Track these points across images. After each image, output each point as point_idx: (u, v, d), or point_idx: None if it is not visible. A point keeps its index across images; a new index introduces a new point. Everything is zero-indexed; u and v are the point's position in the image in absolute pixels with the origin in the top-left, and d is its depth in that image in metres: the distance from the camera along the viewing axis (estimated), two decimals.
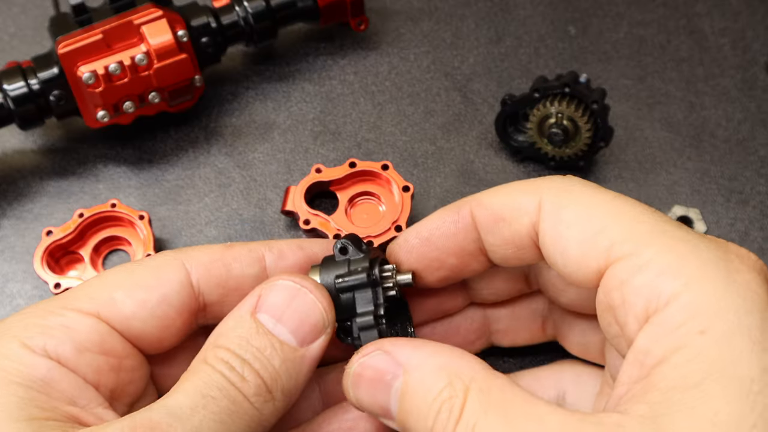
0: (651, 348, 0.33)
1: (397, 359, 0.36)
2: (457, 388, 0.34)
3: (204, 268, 0.40)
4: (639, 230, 0.35)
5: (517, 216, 0.38)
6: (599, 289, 0.36)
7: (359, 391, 0.37)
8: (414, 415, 0.35)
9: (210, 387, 0.35)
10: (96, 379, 0.37)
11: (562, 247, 0.37)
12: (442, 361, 0.35)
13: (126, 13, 0.51)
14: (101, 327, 0.37)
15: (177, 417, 0.33)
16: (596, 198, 0.37)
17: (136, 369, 0.39)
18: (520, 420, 0.33)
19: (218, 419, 0.34)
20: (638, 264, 0.34)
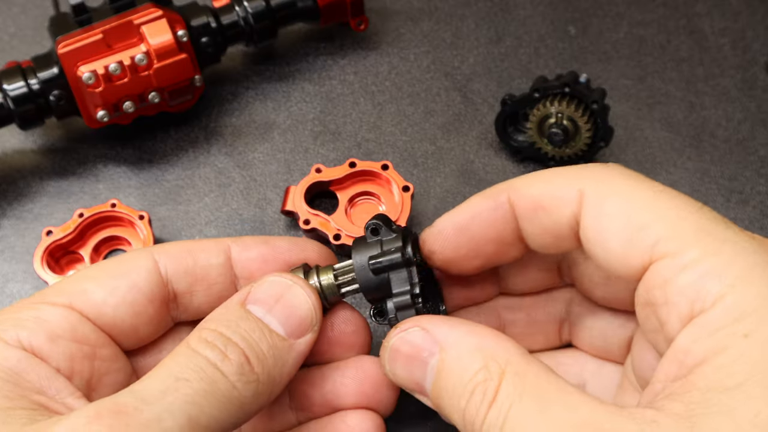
0: (692, 348, 0.33)
1: (434, 337, 0.36)
2: (493, 370, 0.34)
3: (171, 258, 0.40)
4: (684, 228, 0.35)
5: (558, 205, 0.38)
6: (640, 285, 0.36)
7: (396, 366, 0.37)
8: (448, 394, 0.35)
9: (184, 369, 0.34)
10: (69, 366, 0.37)
11: (604, 240, 0.36)
12: (479, 342, 0.35)
13: (126, 13, 0.51)
14: (73, 316, 0.37)
15: (144, 400, 0.33)
16: (640, 190, 0.36)
17: (113, 360, 0.38)
18: (555, 407, 0.33)
19: (190, 401, 0.33)
20: (683, 263, 0.34)
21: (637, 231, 0.35)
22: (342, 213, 0.51)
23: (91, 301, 0.38)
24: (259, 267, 0.41)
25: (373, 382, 0.41)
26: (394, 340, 0.37)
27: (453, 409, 0.35)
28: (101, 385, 0.38)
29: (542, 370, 0.34)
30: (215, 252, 0.41)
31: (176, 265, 0.40)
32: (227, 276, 0.41)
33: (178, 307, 0.41)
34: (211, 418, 0.34)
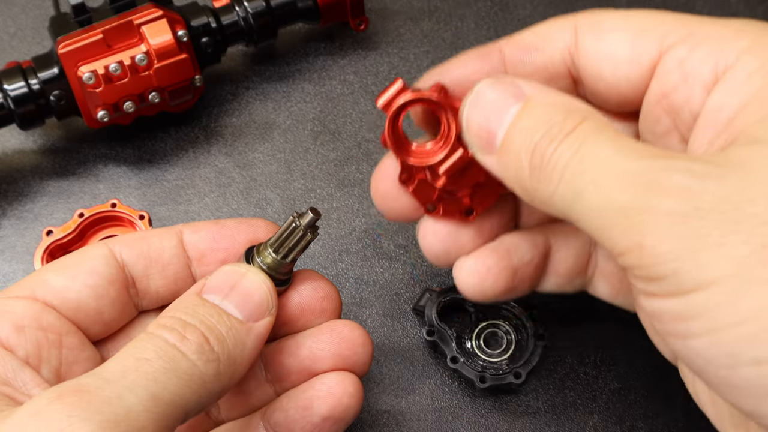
0: (725, 101, 0.33)
1: (522, 90, 0.35)
2: (574, 116, 0.34)
3: (125, 244, 0.41)
4: (690, 19, 0.35)
5: (551, 41, 0.38)
6: (653, 81, 0.36)
7: (474, 111, 0.36)
8: (520, 136, 0.34)
9: (145, 350, 0.35)
10: (37, 355, 0.37)
11: (609, 53, 0.36)
12: (565, 100, 0.35)
13: (126, 13, 0.51)
14: (36, 305, 0.38)
15: (106, 379, 0.33)
16: (636, 10, 0.37)
17: (81, 348, 0.39)
18: (631, 143, 0.32)
19: (151, 378, 0.33)
20: (698, 40, 0.34)
21: (641, 32, 0.36)
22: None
23: (53, 289, 0.38)
24: (209, 245, 0.42)
25: (349, 344, 0.41)
26: (482, 84, 0.36)
27: (521, 149, 0.34)
28: (71, 374, 0.38)
29: (621, 132, 0.34)
30: (167, 236, 0.41)
31: (130, 249, 0.41)
32: (180, 257, 0.41)
33: (138, 292, 0.41)
34: (174, 395, 0.34)
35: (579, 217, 0.33)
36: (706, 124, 0.34)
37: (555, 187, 0.33)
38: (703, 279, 0.30)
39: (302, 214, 0.40)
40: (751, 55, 0.33)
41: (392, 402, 0.49)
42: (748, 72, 0.33)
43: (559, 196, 0.33)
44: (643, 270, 0.31)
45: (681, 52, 0.35)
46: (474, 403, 0.49)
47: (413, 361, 0.50)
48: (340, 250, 0.53)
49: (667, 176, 0.31)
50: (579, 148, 0.33)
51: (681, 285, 0.30)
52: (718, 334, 0.30)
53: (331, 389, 0.41)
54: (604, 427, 0.48)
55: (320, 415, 0.41)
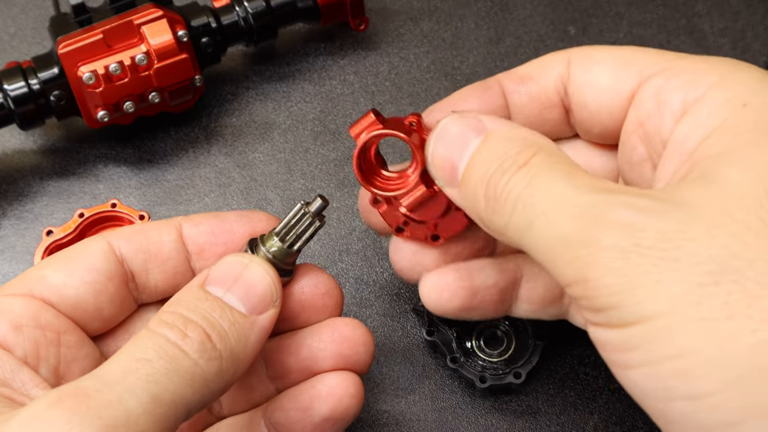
0: (690, 133, 0.34)
1: (484, 124, 0.37)
2: (529, 148, 0.35)
3: (124, 238, 0.40)
4: (670, 55, 0.37)
5: (545, 73, 0.40)
6: (630, 110, 0.38)
7: (439, 145, 0.38)
8: (477, 168, 0.36)
9: (145, 350, 0.34)
10: (35, 354, 0.37)
11: (593, 82, 0.39)
12: (523, 132, 0.36)
13: (126, 13, 0.51)
14: (34, 303, 0.38)
15: (106, 382, 0.33)
16: (624, 47, 0.39)
17: (80, 346, 0.38)
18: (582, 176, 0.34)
19: (152, 380, 0.33)
20: (675, 72, 0.36)
21: (625, 65, 0.38)
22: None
23: (51, 286, 0.38)
24: (208, 239, 0.41)
25: (350, 343, 0.41)
26: (447, 120, 0.38)
27: (478, 180, 0.36)
28: (69, 373, 0.38)
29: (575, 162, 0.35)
30: (166, 229, 0.41)
31: (129, 244, 0.40)
32: (180, 252, 0.41)
33: (137, 287, 0.41)
34: (175, 395, 0.33)
35: (531, 248, 0.34)
36: (672, 153, 0.35)
37: (508, 218, 0.34)
38: (642, 313, 0.31)
39: (311, 201, 0.40)
40: (718, 90, 0.34)
41: (392, 402, 0.49)
42: (713, 106, 0.34)
43: (513, 227, 0.34)
44: (588, 301, 0.32)
45: (658, 82, 0.37)
46: (474, 403, 0.49)
47: (413, 361, 0.50)
48: (340, 250, 0.53)
49: (611, 210, 0.32)
50: (531, 181, 0.34)
51: (621, 318, 0.31)
52: (654, 367, 0.31)
53: (331, 390, 0.41)
54: (604, 427, 0.48)
55: (320, 416, 0.41)
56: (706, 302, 0.30)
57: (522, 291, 0.43)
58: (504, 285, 0.43)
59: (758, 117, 0.33)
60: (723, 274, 0.30)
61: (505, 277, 0.43)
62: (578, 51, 0.40)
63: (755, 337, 0.29)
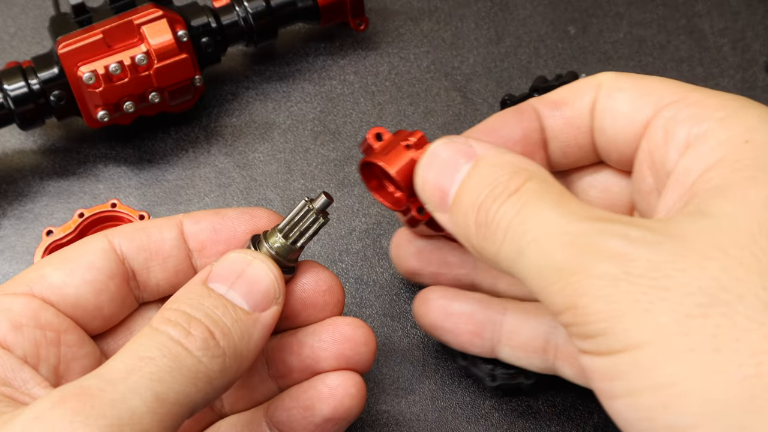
0: (692, 166, 0.34)
1: (474, 150, 0.37)
2: (520, 174, 0.35)
3: (125, 236, 0.40)
4: (687, 88, 0.37)
5: (579, 97, 0.40)
6: (643, 139, 0.38)
7: (429, 170, 0.38)
8: (468, 194, 0.36)
9: (148, 348, 0.34)
10: (35, 354, 0.36)
11: (612, 108, 0.39)
12: (514, 158, 0.36)
13: (126, 13, 0.51)
14: (34, 302, 0.37)
15: (109, 381, 0.32)
16: (650, 77, 0.39)
17: (80, 345, 0.38)
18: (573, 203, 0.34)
19: (156, 378, 0.33)
20: (687, 104, 0.36)
21: (644, 94, 0.38)
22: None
23: (51, 285, 0.38)
24: (209, 236, 0.41)
25: (351, 343, 0.41)
26: (436, 144, 0.38)
27: (469, 206, 0.36)
28: (70, 372, 0.38)
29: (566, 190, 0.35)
30: (167, 227, 0.41)
31: (130, 242, 0.40)
32: (181, 249, 0.41)
33: (138, 285, 0.41)
34: (179, 394, 0.33)
35: (522, 276, 0.34)
36: (674, 185, 0.35)
37: (499, 245, 0.35)
38: (628, 342, 0.31)
39: (315, 198, 0.40)
40: (722, 126, 0.34)
41: (392, 402, 0.49)
42: (716, 141, 0.34)
43: (504, 254, 0.35)
44: (577, 328, 0.32)
45: (668, 113, 0.37)
46: (474, 403, 0.49)
47: (413, 361, 0.50)
48: (340, 250, 0.53)
49: (603, 239, 0.32)
50: (521, 209, 0.34)
51: (609, 345, 0.31)
52: (637, 397, 0.31)
53: (332, 390, 0.41)
54: (604, 427, 0.48)
55: (322, 416, 0.41)
56: (693, 334, 0.30)
57: (504, 333, 0.44)
58: (481, 318, 0.44)
59: (758, 153, 0.33)
60: (712, 306, 0.30)
61: (484, 311, 0.44)
62: (607, 76, 0.40)
63: (741, 371, 0.29)
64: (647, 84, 0.39)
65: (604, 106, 0.40)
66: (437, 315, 0.44)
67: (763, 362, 0.29)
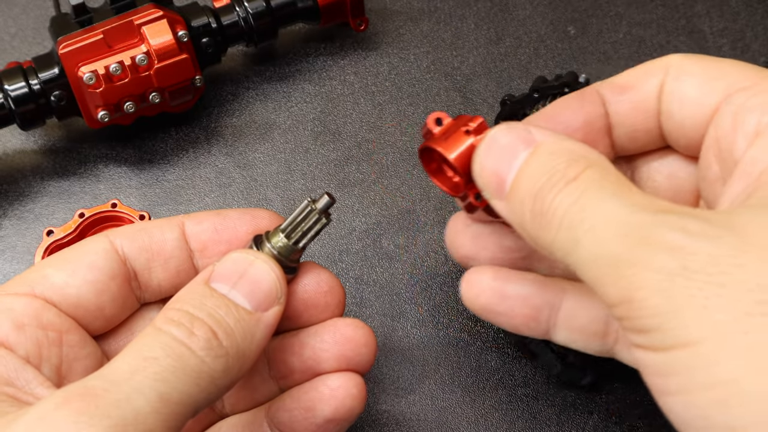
0: (760, 156, 0.33)
1: (534, 136, 0.36)
2: (579, 162, 0.34)
3: (126, 237, 0.40)
4: (759, 73, 0.36)
5: (646, 79, 0.39)
6: (710, 126, 0.37)
7: (487, 156, 0.37)
8: (525, 180, 0.35)
9: (152, 348, 0.34)
10: (37, 354, 0.36)
11: (681, 93, 0.38)
12: (574, 147, 0.36)
13: (126, 14, 0.51)
14: (36, 302, 0.37)
15: (113, 381, 0.32)
16: (720, 59, 0.38)
17: (82, 345, 0.38)
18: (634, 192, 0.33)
19: (160, 378, 0.33)
20: (759, 90, 0.35)
21: (713, 79, 0.37)
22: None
23: (53, 285, 0.38)
24: (211, 237, 0.41)
25: (352, 344, 0.41)
26: (496, 130, 0.37)
27: (525, 194, 0.35)
28: (72, 372, 0.38)
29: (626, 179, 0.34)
30: (169, 227, 0.41)
31: (131, 242, 0.40)
32: (183, 249, 0.41)
33: (140, 286, 0.41)
34: (183, 394, 0.33)
35: (577, 266, 0.34)
36: (740, 176, 0.34)
37: (555, 234, 0.34)
38: (684, 338, 0.30)
39: (318, 198, 0.40)
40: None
41: (392, 402, 0.49)
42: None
43: (559, 243, 0.34)
44: (631, 322, 0.32)
45: (738, 99, 0.36)
46: (474, 403, 0.49)
47: (413, 361, 0.50)
48: (340, 250, 0.53)
49: (661, 232, 0.31)
50: (579, 197, 0.33)
51: (664, 341, 0.31)
52: (692, 395, 0.30)
53: (334, 392, 0.41)
54: (604, 427, 0.48)
55: (323, 417, 0.41)
56: (752, 332, 0.29)
57: (562, 316, 0.42)
58: (538, 302, 0.42)
59: None
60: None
61: (541, 293, 0.42)
62: (676, 58, 0.39)
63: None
64: (717, 67, 0.38)
65: (672, 90, 0.38)
66: (491, 298, 0.42)
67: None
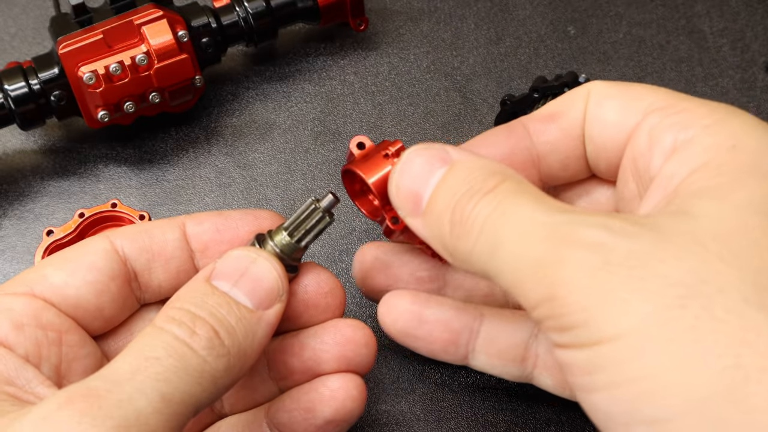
0: (676, 170, 0.34)
1: (450, 155, 0.37)
2: (495, 176, 0.35)
3: (127, 237, 0.40)
4: (675, 95, 0.37)
5: (572, 106, 0.40)
6: (628, 145, 0.38)
7: (403, 175, 0.38)
8: (442, 196, 0.36)
9: (154, 348, 0.34)
10: (37, 354, 0.36)
11: (601, 116, 0.39)
12: (489, 164, 0.36)
13: (126, 14, 0.51)
14: (36, 302, 0.37)
15: (115, 382, 0.32)
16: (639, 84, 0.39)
17: (81, 345, 0.38)
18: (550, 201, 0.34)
19: (162, 378, 0.33)
20: (674, 110, 0.36)
21: (633, 101, 0.38)
22: None
23: (52, 285, 0.38)
24: (212, 237, 0.41)
25: (353, 345, 0.41)
26: (411, 151, 0.38)
27: (443, 206, 0.35)
28: (71, 372, 0.38)
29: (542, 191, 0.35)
30: (170, 228, 0.41)
31: (132, 243, 0.40)
32: (183, 250, 0.41)
33: (140, 286, 0.41)
34: (185, 393, 0.33)
35: (497, 272, 0.34)
36: (657, 188, 0.35)
37: (474, 241, 0.34)
38: (608, 332, 0.30)
39: (321, 198, 0.40)
40: (709, 132, 0.34)
41: (392, 402, 0.49)
42: (702, 147, 0.34)
43: (478, 250, 0.34)
44: (555, 320, 0.32)
45: (654, 120, 0.37)
46: (474, 403, 0.49)
47: (413, 361, 0.50)
48: (340, 250, 0.53)
49: (581, 230, 0.32)
50: (498, 204, 0.34)
51: (589, 336, 0.31)
52: (617, 390, 0.30)
53: (334, 393, 0.41)
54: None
55: (323, 418, 0.41)
56: (672, 324, 0.29)
57: (480, 341, 0.43)
58: (457, 326, 0.43)
59: (744, 158, 0.33)
60: (691, 298, 0.29)
61: (460, 318, 0.43)
62: (596, 85, 0.40)
63: (720, 363, 0.28)
64: (635, 91, 0.38)
65: (594, 115, 0.39)
66: (409, 322, 0.43)
67: (742, 354, 0.28)
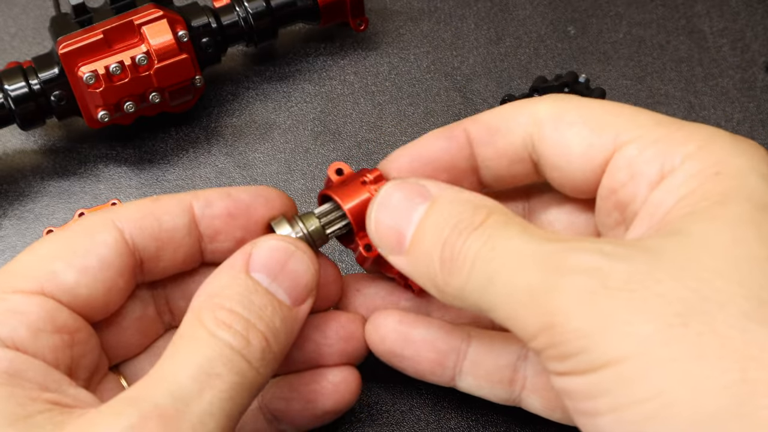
0: (664, 198, 0.34)
1: (428, 189, 0.36)
2: (481, 211, 0.34)
3: (135, 224, 0.38)
4: (645, 120, 0.36)
5: (513, 126, 0.39)
6: (604, 177, 0.37)
7: (382, 212, 0.37)
8: (429, 233, 0.35)
9: (214, 363, 0.33)
10: (54, 358, 0.35)
11: (565, 146, 0.37)
12: (471, 197, 0.36)
13: (126, 14, 0.51)
14: (49, 304, 0.36)
15: (182, 400, 0.32)
16: (597, 103, 0.38)
17: (87, 341, 0.38)
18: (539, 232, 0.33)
19: (226, 397, 0.33)
20: (650, 140, 0.35)
21: (599, 129, 0.37)
22: None
23: (63, 285, 0.36)
24: (226, 222, 0.40)
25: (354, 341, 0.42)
26: (389, 186, 0.37)
27: (431, 245, 0.35)
28: (79, 369, 0.37)
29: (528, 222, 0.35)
30: (179, 212, 0.39)
31: (141, 231, 0.38)
32: (193, 236, 0.40)
33: (143, 271, 0.40)
34: (242, 407, 0.34)
35: (491, 306, 0.33)
36: (645, 216, 0.35)
37: (467, 277, 0.34)
38: (611, 356, 0.30)
39: None
40: (694, 160, 0.34)
41: (392, 402, 0.49)
42: (688, 175, 0.34)
43: (471, 286, 0.34)
44: (555, 349, 0.31)
45: (631, 152, 0.36)
46: (474, 403, 0.49)
47: None
48: (341, 249, 0.53)
49: (575, 256, 0.31)
50: (488, 239, 0.33)
51: (590, 362, 0.30)
52: (623, 412, 0.30)
53: (336, 386, 0.41)
54: None
55: (323, 410, 0.41)
56: (676, 343, 0.29)
57: (468, 363, 0.42)
58: (444, 347, 0.42)
59: (729, 183, 0.33)
60: (691, 315, 0.29)
61: (447, 339, 0.42)
62: (547, 106, 0.38)
63: (726, 378, 0.28)
64: (598, 115, 0.37)
65: (555, 143, 0.38)
66: (396, 341, 0.42)
67: (748, 368, 0.28)
